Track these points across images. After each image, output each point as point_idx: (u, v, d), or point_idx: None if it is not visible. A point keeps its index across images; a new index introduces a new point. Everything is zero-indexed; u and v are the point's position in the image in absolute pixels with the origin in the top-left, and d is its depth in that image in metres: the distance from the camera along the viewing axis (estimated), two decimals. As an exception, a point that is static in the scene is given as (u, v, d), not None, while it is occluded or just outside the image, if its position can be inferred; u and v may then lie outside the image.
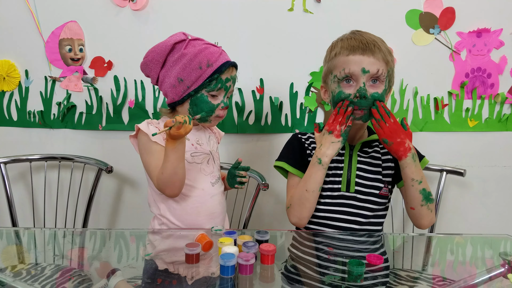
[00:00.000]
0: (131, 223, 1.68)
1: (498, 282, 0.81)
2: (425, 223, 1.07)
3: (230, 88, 1.10)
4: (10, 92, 1.59)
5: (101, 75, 1.57)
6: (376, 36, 1.08)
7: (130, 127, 1.59)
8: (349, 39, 1.06)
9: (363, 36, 1.05)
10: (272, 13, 1.53)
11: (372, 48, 1.02)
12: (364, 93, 1.01)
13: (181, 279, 0.77)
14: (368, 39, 1.04)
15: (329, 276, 0.79)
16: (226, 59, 1.07)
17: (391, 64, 1.06)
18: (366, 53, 1.02)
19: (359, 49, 1.03)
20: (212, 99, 1.07)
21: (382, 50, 1.03)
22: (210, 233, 1.02)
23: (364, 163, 1.13)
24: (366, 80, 1.03)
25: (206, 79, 1.04)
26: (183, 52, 1.04)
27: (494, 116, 1.59)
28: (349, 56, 1.03)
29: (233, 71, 1.10)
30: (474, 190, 1.65)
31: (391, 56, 1.07)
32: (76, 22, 1.54)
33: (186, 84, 1.05)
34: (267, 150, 1.62)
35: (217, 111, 1.08)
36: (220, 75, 1.06)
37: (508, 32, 1.53)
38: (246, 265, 0.77)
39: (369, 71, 1.02)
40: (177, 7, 1.53)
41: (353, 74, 1.03)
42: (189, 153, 1.11)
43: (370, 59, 1.02)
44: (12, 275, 0.78)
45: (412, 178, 1.02)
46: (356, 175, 1.11)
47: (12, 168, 1.55)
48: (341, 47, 1.06)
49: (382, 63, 1.03)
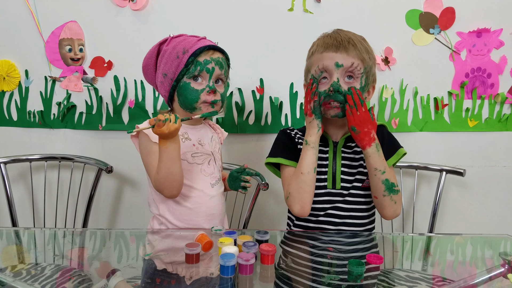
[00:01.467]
0: (131, 223, 1.68)
1: (498, 282, 0.81)
2: (388, 214, 1.08)
3: (216, 71, 1.06)
4: (10, 92, 1.59)
5: (101, 75, 1.57)
6: (355, 35, 1.08)
7: (130, 127, 1.59)
8: (325, 37, 1.09)
9: (339, 34, 1.06)
10: (272, 13, 1.53)
11: (346, 45, 1.03)
12: (337, 87, 1.03)
13: (180, 279, 0.77)
14: (343, 37, 1.05)
15: (329, 276, 0.79)
16: (204, 44, 1.06)
17: (368, 62, 1.06)
18: (339, 50, 1.04)
19: (333, 47, 1.04)
20: (195, 85, 1.05)
21: (357, 48, 1.04)
22: (210, 233, 1.02)
23: (348, 158, 1.13)
24: (341, 75, 1.04)
25: (184, 66, 1.04)
26: (164, 49, 1.07)
27: (494, 116, 1.59)
28: (323, 53, 1.06)
29: (214, 54, 1.07)
30: (474, 190, 1.65)
31: (370, 54, 1.07)
32: (76, 22, 1.54)
33: (169, 77, 1.06)
34: (267, 150, 1.61)
35: (203, 96, 1.05)
36: (196, 58, 1.04)
37: (508, 32, 1.53)
38: (246, 265, 0.77)
39: (342, 65, 1.03)
40: (177, 7, 1.53)
41: (327, 69, 1.05)
42: (189, 154, 1.10)
43: (343, 55, 1.03)
44: (12, 275, 0.78)
45: (375, 168, 1.04)
46: (341, 172, 1.12)
47: (12, 168, 1.55)
48: (317, 45, 1.09)
49: (356, 59, 1.04)
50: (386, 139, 1.14)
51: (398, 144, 1.15)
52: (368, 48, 1.08)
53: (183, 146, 1.09)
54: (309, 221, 1.14)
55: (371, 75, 1.09)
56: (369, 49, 1.08)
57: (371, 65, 1.08)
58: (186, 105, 1.07)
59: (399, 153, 1.13)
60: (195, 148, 1.12)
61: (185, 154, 1.09)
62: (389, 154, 1.11)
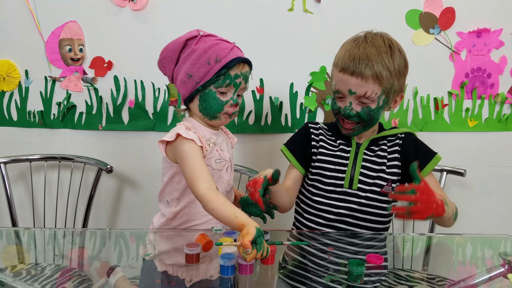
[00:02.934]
0: (131, 223, 1.68)
1: (498, 282, 0.81)
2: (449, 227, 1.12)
3: (241, 85, 1.06)
4: (10, 92, 1.59)
5: (101, 75, 1.57)
6: (381, 46, 1.03)
7: (130, 127, 1.59)
8: (348, 50, 1.05)
9: (360, 50, 1.02)
10: (272, 13, 1.53)
11: (363, 70, 1.00)
12: (348, 113, 1.06)
13: (180, 279, 0.77)
14: (362, 56, 1.01)
15: (329, 276, 0.79)
16: (236, 55, 1.05)
17: (388, 82, 1.02)
18: (355, 74, 1.02)
19: (349, 69, 1.02)
20: (221, 95, 1.04)
21: (374, 70, 1.00)
22: (210, 233, 1.02)
23: (369, 161, 1.13)
24: (354, 99, 1.05)
25: (214, 74, 1.01)
26: (193, 48, 1.03)
27: (494, 116, 1.59)
28: (340, 73, 1.05)
29: (244, 68, 1.06)
30: (474, 190, 1.65)
31: (393, 70, 1.02)
32: (76, 22, 1.54)
33: (195, 79, 1.03)
34: (267, 150, 1.62)
35: (226, 107, 1.05)
36: (228, 71, 1.02)
37: (508, 32, 1.53)
38: (246, 265, 0.77)
39: (355, 93, 1.03)
40: (177, 7, 1.53)
41: (341, 92, 1.06)
42: (213, 159, 1.08)
43: (358, 81, 1.02)
44: (12, 275, 0.78)
45: (448, 218, 1.03)
46: (360, 173, 1.12)
47: (12, 168, 1.55)
48: (338, 58, 1.07)
49: (371, 85, 1.02)
50: (421, 146, 1.15)
51: (433, 151, 1.14)
52: (393, 62, 1.02)
53: (210, 151, 1.07)
54: (319, 224, 1.13)
55: (392, 92, 1.06)
56: (394, 64, 1.03)
57: (392, 82, 1.04)
58: (208, 112, 1.06)
59: (436, 160, 1.12)
60: (218, 154, 1.09)
61: (209, 160, 1.06)
62: (425, 161, 1.11)
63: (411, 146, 1.12)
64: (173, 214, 1.09)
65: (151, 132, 1.59)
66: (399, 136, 1.16)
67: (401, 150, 1.13)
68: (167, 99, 1.57)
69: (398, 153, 1.13)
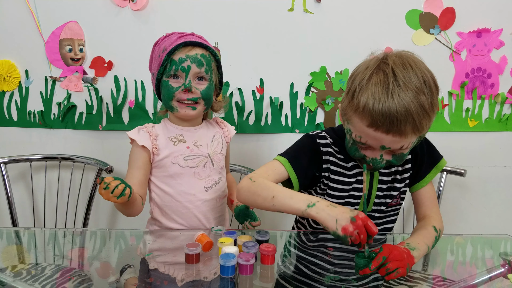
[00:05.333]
0: (131, 223, 1.68)
1: (498, 282, 0.81)
2: None
3: (193, 69, 1.02)
4: (10, 92, 1.59)
5: (101, 75, 1.57)
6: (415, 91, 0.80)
7: (130, 127, 1.58)
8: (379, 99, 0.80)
9: (396, 101, 0.79)
10: (272, 13, 1.53)
11: (402, 128, 0.80)
12: (379, 165, 0.91)
13: (180, 279, 0.77)
14: (400, 110, 0.79)
15: (329, 276, 0.79)
16: (184, 40, 1.02)
17: (425, 130, 0.86)
18: (391, 132, 0.82)
19: (384, 127, 0.81)
20: (173, 83, 1.04)
21: (415, 123, 0.81)
22: (210, 233, 1.02)
23: (384, 182, 1.03)
24: (385, 153, 0.89)
25: (161, 64, 1.03)
26: (153, 49, 1.09)
27: (494, 116, 1.59)
28: (369, 129, 0.84)
29: (191, 50, 1.02)
30: (474, 190, 1.65)
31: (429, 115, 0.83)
32: (76, 22, 1.54)
33: (154, 76, 1.08)
34: (267, 150, 1.62)
35: (177, 94, 1.03)
36: (171, 56, 1.01)
37: (508, 32, 1.53)
38: (246, 265, 0.77)
39: (390, 148, 0.87)
40: (177, 7, 1.53)
41: (370, 145, 0.88)
42: (182, 157, 1.08)
43: (395, 138, 0.83)
44: (12, 275, 0.78)
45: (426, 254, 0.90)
46: (376, 196, 1.03)
47: (12, 168, 1.55)
48: (364, 108, 0.82)
49: (409, 138, 0.84)
50: (426, 149, 1.04)
51: (438, 155, 1.05)
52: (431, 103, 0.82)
53: (175, 149, 1.08)
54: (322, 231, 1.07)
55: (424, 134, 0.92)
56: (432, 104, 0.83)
57: (428, 127, 0.87)
58: (165, 103, 1.08)
59: (439, 166, 1.04)
60: (189, 150, 1.09)
61: (177, 158, 1.07)
62: (428, 168, 1.04)
63: (420, 150, 1.04)
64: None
65: (151, 132, 1.59)
66: None
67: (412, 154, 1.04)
68: (167, 99, 1.57)
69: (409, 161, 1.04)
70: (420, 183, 1.04)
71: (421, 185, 1.04)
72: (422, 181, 1.04)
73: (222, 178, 1.17)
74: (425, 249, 0.87)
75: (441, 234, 0.97)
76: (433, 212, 1.02)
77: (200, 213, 1.11)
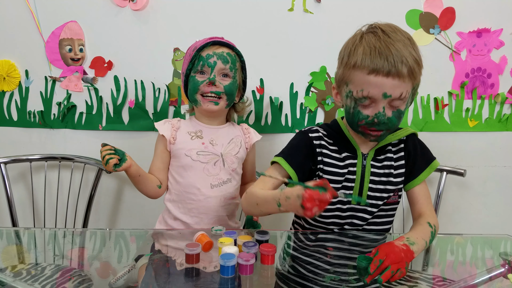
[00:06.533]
0: (131, 223, 1.68)
1: (498, 282, 0.82)
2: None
3: (218, 65, 1.12)
4: (10, 92, 1.59)
5: (101, 75, 1.57)
6: (403, 41, 0.91)
7: (130, 127, 1.59)
8: (372, 46, 0.90)
9: (389, 48, 0.88)
10: (272, 13, 1.53)
11: (400, 68, 0.88)
12: (383, 119, 0.93)
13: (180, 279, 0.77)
14: (396, 55, 0.88)
15: (329, 276, 0.79)
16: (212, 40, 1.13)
17: (418, 78, 0.94)
18: (391, 74, 0.88)
19: (384, 69, 0.88)
20: (199, 77, 1.13)
21: (410, 66, 0.89)
22: (210, 233, 1.02)
23: (377, 174, 1.05)
24: (387, 103, 0.92)
25: (190, 61, 1.12)
26: (186, 52, 1.19)
27: (494, 116, 1.59)
28: (370, 76, 0.89)
29: (218, 48, 1.13)
30: (474, 190, 1.65)
31: (419, 65, 0.93)
32: (76, 22, 1.54)
33: (184, 74, 1.17)
34: (267, 150, 1.62)
35: (202, 87, 1.12)
36: (200, 53, 1.11)
37: (508, 32, 1.53)
38: (246, 265, 0.77)
39: (391, 96, 0.90)
40: (177, 7, 1.53)
41: (372, 97, 0.91)
42: (195, 151, 1.15)
43: (395, 81, 0.89)
44: (12, 275, 0.78)
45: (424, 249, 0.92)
46: (368, 188, 1.04)
47: (12, 168, 1.55)
48: (362, 58, 0.90)
49: (407, 84, 0.91)
50: (419, 149, 1.08)
51: (431, 156, 1.09)
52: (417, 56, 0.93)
53: (191, 143, 1.16)
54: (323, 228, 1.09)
55: (416, 88, 0.98)
56: (419, 55, 0.93)
57: (419, 79, 0.95)
58: (189, 97, 1.17)
59: (433, 166, 1.07)
60: (204, 146, 1.16)
61: (190, 151, 1.15)
62: (422, 167, 1.06)
63: (413, 150, 1.07)
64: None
65: (151, 132, 1.59)
66: (402, 140, 1.10)
67: (405, 152, 1.08)
68: (167, 99, 1.57)
69: (403, 158, 1.07)
70: (414, 181, 1.07)
71: (415, 183, 1.07)
72: (416, 179, 1.07)
73: (233, 181, 1.20)
74: (423, 244, 0.90)
75: (436, 230, 0.99)
76: (427, 210, 1.05)
77: (202, 208, 1.15)
